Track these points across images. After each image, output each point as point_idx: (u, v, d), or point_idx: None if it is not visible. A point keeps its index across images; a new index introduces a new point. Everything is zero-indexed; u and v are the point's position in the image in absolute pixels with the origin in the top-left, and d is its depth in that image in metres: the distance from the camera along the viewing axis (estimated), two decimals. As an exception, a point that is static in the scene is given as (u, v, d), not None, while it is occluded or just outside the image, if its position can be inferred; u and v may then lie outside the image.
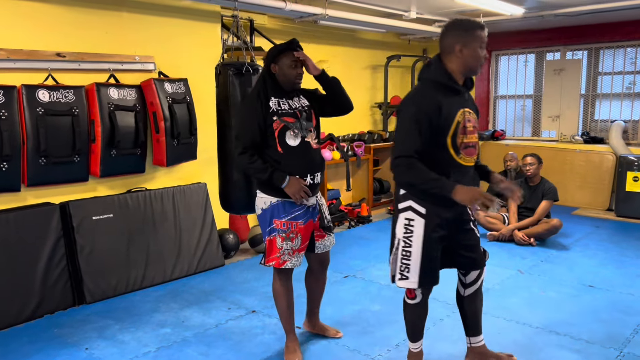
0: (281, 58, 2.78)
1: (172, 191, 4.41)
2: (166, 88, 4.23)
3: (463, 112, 2.42)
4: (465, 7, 5.45)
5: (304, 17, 4.95)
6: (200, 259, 4.45)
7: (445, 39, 2.45)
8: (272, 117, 2.73)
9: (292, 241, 2.79)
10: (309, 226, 2.87)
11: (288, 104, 2.80)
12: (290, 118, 2.76)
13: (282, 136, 2.73)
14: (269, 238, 2.82)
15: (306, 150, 2.79)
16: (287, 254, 2.81)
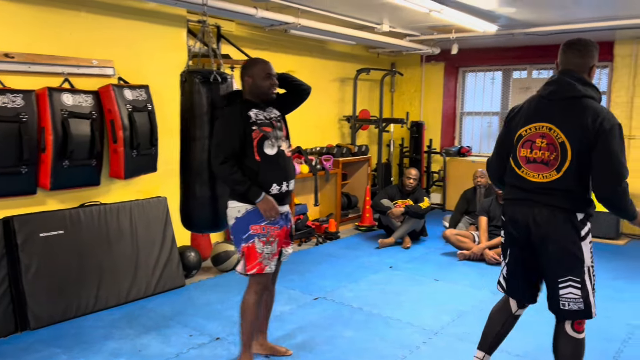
0: (254, 70, 2.86)
1: (130, 205, 4.10)
2: (126, 95, 3.94)
3: None
4: (439, 22, 5.37)
5: (275, 25, 4.75)
6: (159, 279, 4.14)
7: (591, 56, 2.43)
8: (252, 127, 2.78)
9: (271, 245, 2.82)
10: (283, 231, 2.91)
11: (264, 115, 2.87)
12: (268, 127, 2.83)
13: (261, 145, 2.79)
14: (247, 245, 2.80)
15: (282, 159, 2.86)
16: (267, 258, 2.81)
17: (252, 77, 2.85)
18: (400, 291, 4.29)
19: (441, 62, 7.78)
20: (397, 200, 5.94)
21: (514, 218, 2.45)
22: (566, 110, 2.32)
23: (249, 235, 2.79)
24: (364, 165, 6.88)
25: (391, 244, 5.68)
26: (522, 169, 2.41)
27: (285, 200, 2.91)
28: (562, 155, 2.30)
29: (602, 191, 2.29)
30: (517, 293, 2.61)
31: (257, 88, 2.85)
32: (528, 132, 2.39)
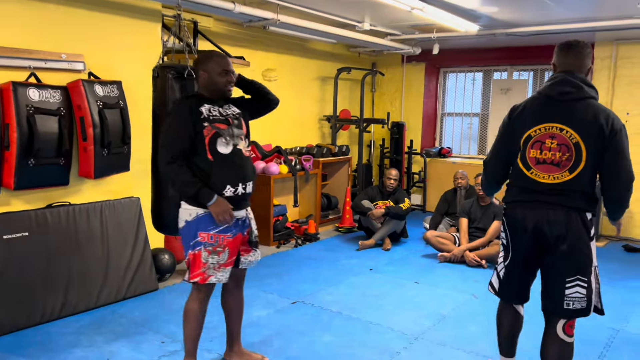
0: (210, 65, 2.68)
1: (100, 206, 3.93)
2: (96, 91, 3.77)
3: None
4: (421, 21, 5.31)
5: (254, 21, 4.62)
6: (131, 283, 3.98)
7: (589, 57, 2.43)
8: (203, 123, 2.60)
9: (218, 255, 2.63)
10: (237, 240, 2.71)
11: (218, 111, 2.68)
12: (222, 124, 2.64)
13: (213, 143, 2.60)
14: (193, 252, 2.63)
15: (238, 158, 2.67)
16: (213, 269, 2.63)
17: (207, 72, 2.67)
18: (381, 294, 4.20)
19: (422, 62, 7.73)
20: (378, 201, 5.86)
21: (524, 220, 2.38)
22: (578, 111, 2.31)
23: (196, 242, 2.61)
24: (345, 166, 6.78)
25: (371, 245, 5.59)
26: (531, 171, 2.36)
27: (242, 204, 2.72)
28: (576, 156, 2.28)
29: (614, 191, 2.32)
30: (511, 295, 2.59)
31: (212, 84, 2.68)
32: (537, 133, 2.35)
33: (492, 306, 3.99)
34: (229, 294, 2.93)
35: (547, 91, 2.40)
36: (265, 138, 6.05)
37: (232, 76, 2.71)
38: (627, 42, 6.12)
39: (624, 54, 6.18)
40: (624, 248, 5.78)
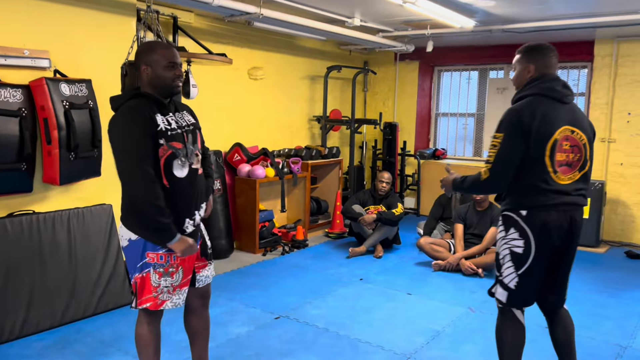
0: (153, 57, 2.25)
1: (68, 215, 3.63)
2: (62, 90, 3.48)
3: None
4: (414, 17, 5.04)
5: (235, 15, 4.34)
6: (101, 298, 3.69)
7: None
8: (159, 140, 2.17)
9: (171, 276, 2.30)
10: (191, 256, 2.36)
11: (175, 122, 2.28)
12: (177, 143, 2.23)
13: (169, 166, 2.20)
14: (140, 275, 2.28)
15: (194, 181, 2.31)
16: (167, 292, 2.30)
17: (150, 65, 2.24)
18: (371, 308, 3.93)
19: (415, 60, 7.46)
20: (370, 206, 5.59)
21: (555, 223, 2.34)
22: (577, 112, 2.44)
23: (143, 264, 2.26)
24: (335, 169, 6.51)
25: (362, 253, 5.32)
26: (557, 174, 2.34)
27: (198, 231, 2.40)
28: (584, 156, 2.40)
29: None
30: (525, 301, 2.47)
31: (157, 79, 2.24)
32: (559, 135, 2.35)
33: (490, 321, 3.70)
34: (194, 315, 2.58)
35: (553, 93, 2.38)
36: (251, 139, 5.77)
37: (180, 70, 2.29)
38: (628, 40, 5.87)
39: (625, 51, 5.94)
40: (627, 254, 5.53)
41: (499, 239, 2.45)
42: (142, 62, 2.27)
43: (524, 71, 2.45)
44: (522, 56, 2.47)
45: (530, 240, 2.33)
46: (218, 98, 5.38)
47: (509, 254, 2.39)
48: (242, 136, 5.67)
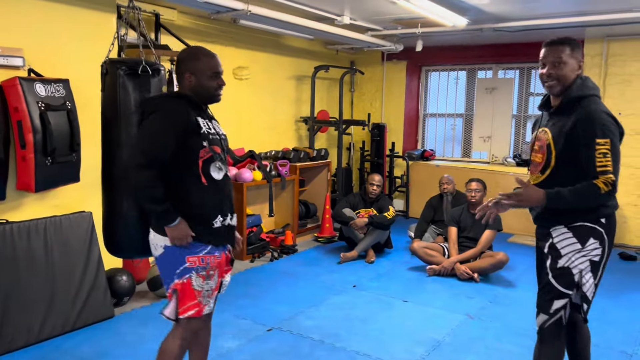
0: (198, 66, 2.22)
1: (44, 223, 3.40)
2: (37, 90, 3.26)
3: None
4: (405, 15, 4.90)
5: (222, 12, 4.15)
6: (81, 311, 3.46)
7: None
8: (202, 142, 2.18)
9: (211, 279, 2.24)
10: (223, 260, 2.33)
11: (214, 129, 2.30)
12: (217, 147, 2.26)
13: (207, 167, 2.21)
14: (181, 281, 2.18)
15: (228, 187, 2.32)
16: (207, 296, 2.24)
17: (194, 73, 2.21)
18: (367, 317, 3.77)
19: (403, 60, 7.34)
20: (360, 209, 5.44)
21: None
22: None
23: (184, 269, 2.18)
24: (324, 171, 6.34)
25: (354, 258, 5.16)
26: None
27: (230, 238, 2.35)
28: None
29: None
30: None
31: (201, 88, 2.22)
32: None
33: (491, 329, 3.62)
34: (206, 330, 2.47)
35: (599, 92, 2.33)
36: (237, 142, 5.57)
37: (222, 79, 2.27)
38: (618, 39, 5.83)
39: (615, 51, 5.89)
40: (620, 256, 5.46)
41: (573, 253, 2.23)
42: (186, 70, 2.23)
43: (577, 66, 2.26)
44: (575, 49, 2.26)
45: (606, 245, 2.26)
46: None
47: (589, 265, 2.23)
48: (228, 138, 5.46)
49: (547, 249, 2.31)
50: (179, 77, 2.27)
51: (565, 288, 2.24)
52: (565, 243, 2.25)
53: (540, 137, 2.35)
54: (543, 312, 2.30)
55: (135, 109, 2.83)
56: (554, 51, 2.24)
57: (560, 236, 2.26)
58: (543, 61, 2.28)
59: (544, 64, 2.27)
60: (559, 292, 2.25)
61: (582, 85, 2.23)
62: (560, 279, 2.25)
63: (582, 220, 2.23)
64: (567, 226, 2.25)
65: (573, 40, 2.25)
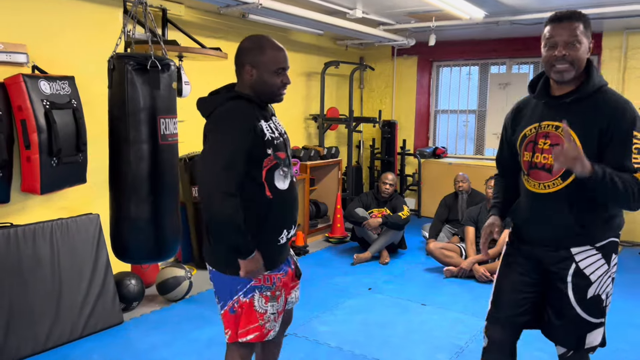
0: (261, 57, 1.93)
1: (51, 226, 3.27)
2: (42, 88, 3.12)
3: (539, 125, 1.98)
4: (421, 8, 4.74)
5: (232, 6, 4.00)
6: (89, 318, 3.33)
7: None
8: (267, 150, 1.90)
9: (277, 301, 2.02)
10: (288, 277, 2.11)
11: (277, 130, 1.99)
12: (282, 152, 1.97)
13: (271, 177, 1.94)
14: (245, 300, 1.96)
15: (295, 193, 2.05)
16: (273, 320, 2.01)
17: (256, 67, 1.93)
18: (385, 322, 3.62)
19: (414, 55, 7.18)
20: (373, 209, 5.29)
21: None
22: None
23: (249, 288, 1.96)
24: (334, 169, 6.19)
25: (367, 259, 5.02)
26: None
27: (289, 248, 2.16)
28: None
29: None
30: None
31: (262, 84, 1.95)
32: None
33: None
34: (275, 345, 2.30)
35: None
36: (246, 140, 5.43)
37: (288, 77, 1.99)
38: (638, 31, 5.65)
39: (635, 44, 5.72)
40: (642, 255, 5.31)
41: (602, 277, 1.92)
42: (247, 62, 1.94)
43: (589, 47, 1.89)
44: (588, 26, 1.88)
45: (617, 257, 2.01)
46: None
47: (612, 283, 1.97)
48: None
49: (570, 278, 1.92)
50: (238, 68, 1.99)
51: (599, 317, 1.94)
52: (594, 267, 1.91)
53: (549, 133, 1.93)
54: (573, 348, 1.98)
55: (145, 105, 2.72)
56: (567, 28, 1.84)
57: (588, 259, 1.92)
58: (552, 40, 1.87)
59: (554, 43, 1.86)
60: (592, 325, 1.93)
61: (597, 72, 1.93)
62: (591, 309, 1.93)
63: (612, 234, 1.94)
64: (595, 246, 1.92)
65: (585, 15, 1.88)
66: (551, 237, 1.96)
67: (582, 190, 1.85)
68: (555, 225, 1.93)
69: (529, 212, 2.02)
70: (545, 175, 1.93)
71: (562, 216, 1.91)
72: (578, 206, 1.90)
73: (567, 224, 1.90)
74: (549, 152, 1.91)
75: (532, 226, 2.02)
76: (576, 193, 1.87)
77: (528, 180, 2.00)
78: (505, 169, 2.23)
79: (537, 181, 1.96)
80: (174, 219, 2.89)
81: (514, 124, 2.12)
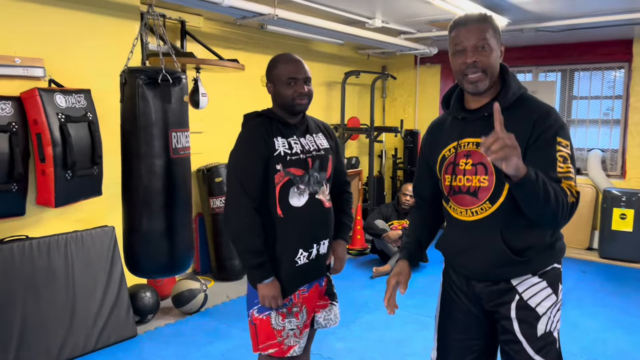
0: (274, 72, 2.02)
1: (65, 239, 3.28)
2: (57, 101, 3.14)
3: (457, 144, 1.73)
4: (440, 16, 4.65)
5: (248, 17, 3.99)
6: (103, 330, 3.32)
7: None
8: (276, 165, 1.93)
9: (296, 317, 2.01)
10: (314, 293, 2.10)
11: (300, 146, 2.00)
12: (298, 169, 1.96)
13: (285, 194, 1.95)
14: (260, 317, 2.00)
15: (315, 211, 2.01)
16: (294, 336, 2.01)
17: (273, 82, 2.02)
18: (403, 339, 3.52)
19: (437, 64, 7.06)
20: (393, 221, 5.19)
21: None
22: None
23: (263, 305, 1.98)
24: (355, 180, 6.12)
25: (387, 272, 4.90)
26: None
27: (319, 270, 2.09)
28: None
29: None
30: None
31: (279, 97, 2.01)
32: None
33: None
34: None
35: None
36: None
37: (305, 86, 1.99)
38: (671, 37, 5.44)
39: (668, 50, 5.50)
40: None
41: (550, 309, 1.67)
42: (268, 79, 2.06)
43: (500, 53, 1.69)
44: (497, 29, 1.68)
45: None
46: (229, 106, 5.02)
47: (560, 318, 1.73)
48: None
49: (514, 313, 1.68)
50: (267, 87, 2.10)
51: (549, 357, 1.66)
52: (540, 297, 1.67)
53: (471, 152, 1.68)
54: None
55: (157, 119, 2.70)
56: (474, 31, 1.62)
57: (532, 289, 1.67)
58: (459, 46, 1.65)
59: (462, 49, 1.64)
60: None
61: (515, 78, 1.71)
62: (546, 353, 1.65)
63: (554, 261, 1.71)
64: (538, 274, 1.68)
65: (492, 18, 1.69)
66: (487, 270, 1.70)
67: (515, 213, 1.58)
68: (490, 256, 1.67)
69: (458, 244, 1.76)
70: (470, 199, 1.67)
71: (495, 245, 1.64)
72: (512, 232, 1.63)
73: (503, 253, 1.64)
74: (472, 172, 1.66)
75: (464, 259, 1.76)
76: (509, 217, 1.62)
77: (452, 206, 1.74)
78: (424, 199, 1.96)
79: (462, 207, 1.70)
80: (187, 232, 2.86)
81: (431, 146, 1.85)
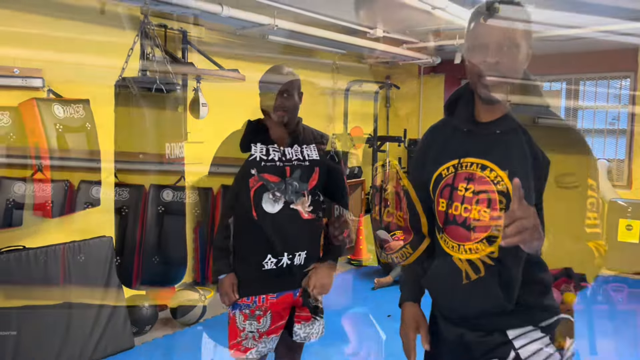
0: (260, 84, 2.17)
1: (63, 249, 3.27)
2: (55, 112, 3.15)
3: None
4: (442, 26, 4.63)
5: (248, 27, 3.99)
6: (100, 342, 3.30)
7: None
8: (250, 169, 2.01)
9: (258, 320, 2.04)
10: (284, 301, 2.07)
11: (281, 154, 2.06)
12: (273, 176, 2.01)
13: (258, 198, 2.01)
14: (230, 314, 2.11)
15: (288, 221, 2.02)
16: (252, 339, 2.04)
17: (260, 94, 2.18)
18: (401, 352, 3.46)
19: (441, 74, 7.04)
20: (395, 231, 5.13)
21: None
22: None
23: (234, 303, 2.07)
24: (358, 190, 6.08)
25: (389, 283, 4.86)
26: None
27: (288, 281, 2.06)
28: None
29: None
30: None
31: (265, 108, 2.15)
32: None
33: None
34: None
35: None
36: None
37: (284, 100, 2.06)
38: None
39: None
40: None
41: None
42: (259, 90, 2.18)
43: (527, 55, 1.42)
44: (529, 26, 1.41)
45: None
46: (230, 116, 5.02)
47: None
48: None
49: None
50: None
51: None
52: (541, 357, 1.35)
53: (474, 175, 1.36)
54: None
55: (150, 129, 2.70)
56: (502, 25, 1.31)
57: (532, 346, 1.36)
58: (480, 40, 1.33)
59: (484, 44, 1.33)
60: None
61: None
62: None
63: (557, 311, 1.40)
64: (540, 326, 1.38)
65: (526, 10, 1.41)
66: (479, 317, 1.40)
67: (516, 255, 1.28)
68: (483, 300, 1.37)
69: (448, 283, 1.44)
70: (464, 234, 1.36)
71: (491, 290, 1.34)
72: (511, 275, 1.33)
73: (498, 299, 1.34)
74: (471, 201, 1.35)
75: (454, 302, 1.45)
76: (509, 259, 1.32)
77: (444, 238, 1.43)
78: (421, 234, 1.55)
79: (455, 242, 1.39)
80: (180, 244, 2.84)
81: (425, 159, 1.53)
